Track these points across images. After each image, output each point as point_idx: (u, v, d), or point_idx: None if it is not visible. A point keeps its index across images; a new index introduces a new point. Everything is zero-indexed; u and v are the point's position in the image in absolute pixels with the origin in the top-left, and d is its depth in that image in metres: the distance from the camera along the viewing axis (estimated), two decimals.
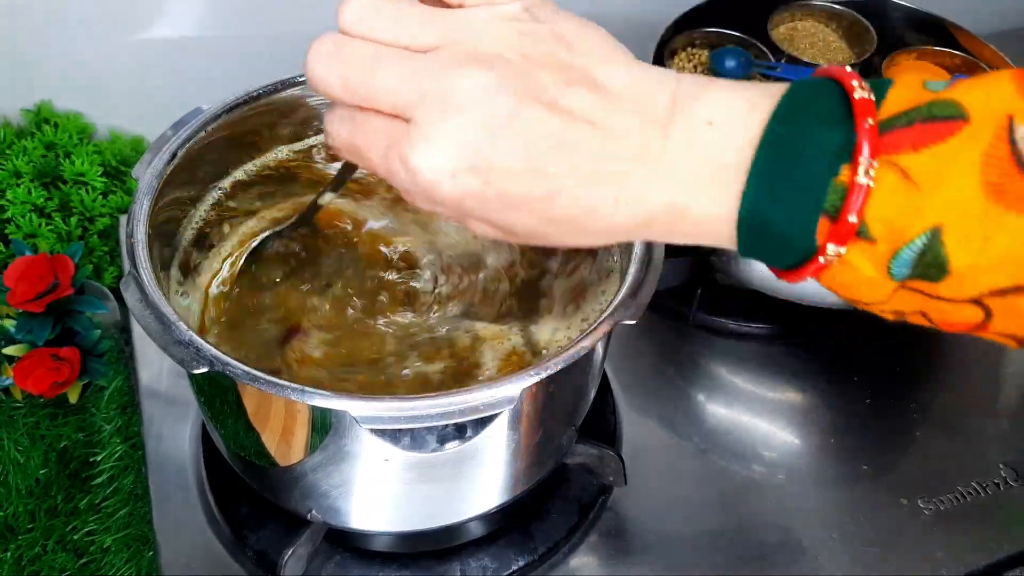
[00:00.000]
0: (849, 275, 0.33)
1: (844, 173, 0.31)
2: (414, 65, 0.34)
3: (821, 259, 0.33)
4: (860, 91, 0.32)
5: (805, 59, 0.78)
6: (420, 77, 0.34)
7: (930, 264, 0.32)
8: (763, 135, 0.33)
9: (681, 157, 0.34)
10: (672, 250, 0.53)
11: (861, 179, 0.31)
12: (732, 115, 0.34)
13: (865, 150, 0.31)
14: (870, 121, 0.31)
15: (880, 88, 0.33)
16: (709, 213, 0.34)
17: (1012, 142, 0.31)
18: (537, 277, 0.56)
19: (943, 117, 0.31)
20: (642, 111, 0.34)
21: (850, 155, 0.31)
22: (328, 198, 0.50)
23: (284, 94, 0.58)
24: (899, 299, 0.34)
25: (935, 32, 0.79)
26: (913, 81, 0.33)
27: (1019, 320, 0.33)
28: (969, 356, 0.75)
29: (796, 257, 0.34)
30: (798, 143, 0.32)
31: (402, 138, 0.34)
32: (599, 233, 0.36)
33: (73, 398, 0.72)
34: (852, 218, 0.31)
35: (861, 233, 0.32)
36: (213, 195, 0.58)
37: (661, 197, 0.34)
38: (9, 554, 0.65)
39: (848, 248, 0.32)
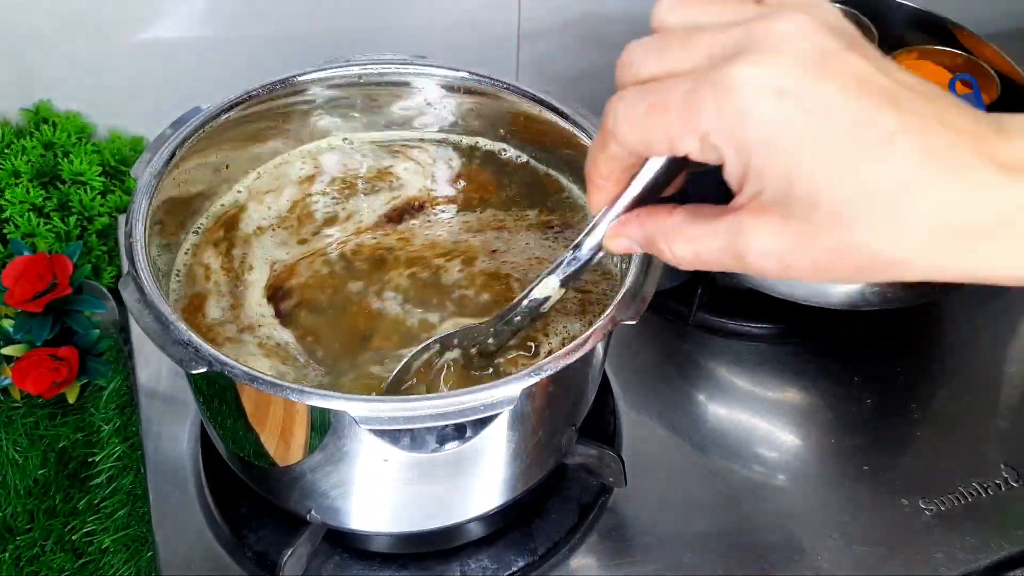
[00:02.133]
0: None
1: None
2: (732, 24, 0.32)
3: None
4: None
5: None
6: (739, 26, 0.32)
7: None
8: None
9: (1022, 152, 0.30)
10: None
11: None
12: None
13: None
14: None
15: None
16: None
17: None
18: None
19: None
20: (967, 107, 0.31)
21: None
22: (552, 285, 0.44)
23: (284, 94, 0.58)
24: None
25: (936, 32, 0.79)
26: None
27: None
28: (969, 356, 0.75)
29: None
30: None
31: (717, 68, 0.31)
32: (927, 228, 0.30)
33: (72, 398, 0.72)
34: None
35: None
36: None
37: (1009, 190, 0.30)
38: (8, 554, 0.65)
39: None
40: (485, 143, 0.63)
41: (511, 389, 0.43)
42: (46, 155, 0.80)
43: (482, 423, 0.46)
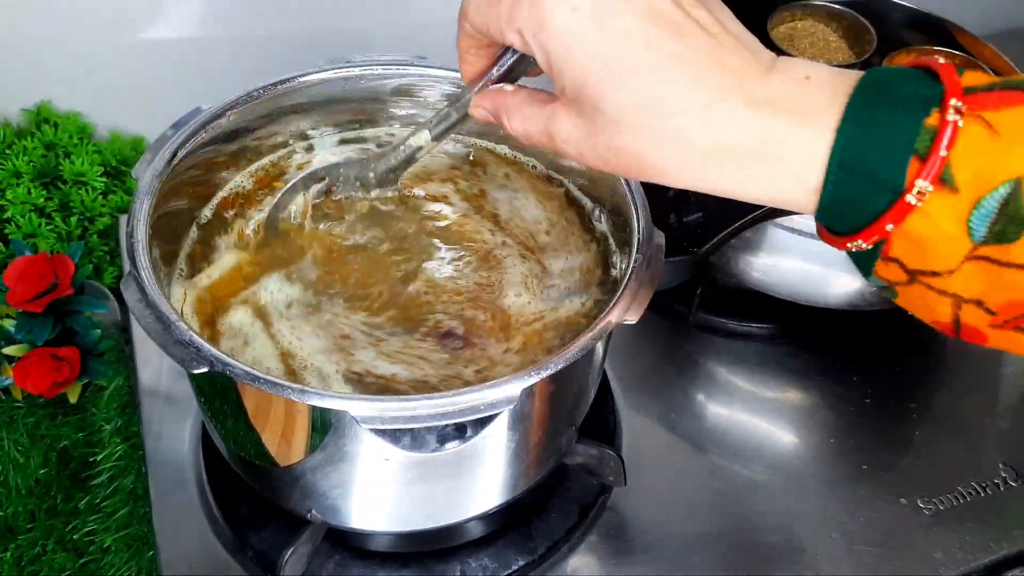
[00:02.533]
0: (927, 228, 0.34)
1: (934, 116, 0.33)
2: None
3: (908, 197, 0.33)
4: (942, 60, 0.35)
5: (805, 59, 0.78)
6: None
7: (1010, 218, 0.32)
8: (857, 84, 0.35)
9: (779, 93, 0.35)
10: (672, 250, 0.54)
11: (951, 117, 0.32)
12: (827, 74, 0.36)
13: (953, 99, 0.33)
14: (955, 76, 0.33)
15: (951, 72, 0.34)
16: (798, 151, 0.35)
17: None
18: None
19: (1022, 87, 0.33)
20: (749, 51, 0.37)
21: (939, 102, 0.33)
22: (424, 138, 0.50)
23: (284, 94, 0.58)
24: (966, 273, 0.34)
25: (935, 32, 0.79)
26: (981, 74, 0.35)
27: None
28: (969, 356, 0.75)
29: (882, 201, 0.34)
30: (890, 92, 0.34)
31: None
32: (680, 144, 0.36)
33: (73, 398, 0.72)
34: (942, 151, 0.32)
35: (946, 180, 0.33)
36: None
37: (754, 122, 0.35)
38: (9, 554, 0.65)
39: (931, 197, 0.33)
40: (485, 143, 0.63)
41: (511, 389, 0.43)
42: (47, 155, 0.80)
43: (482, 423, 0.46)
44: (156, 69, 0.83)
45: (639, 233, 0.51)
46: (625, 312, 0.47)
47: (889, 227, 0.34)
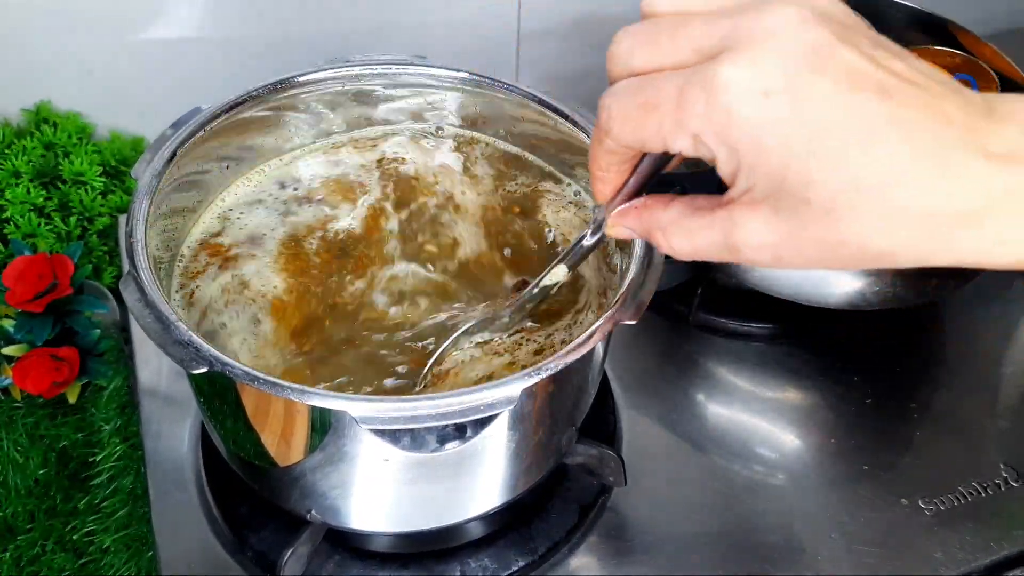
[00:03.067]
0: None
1: None
2: (721, 13, 0.33)
3: None
4: None
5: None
6: (727, 17, 0.32)
7: None
8: None
9: (1017, 142, 0.31)
10: None
11: None
12: None
13: None
14: None
15: None
16: None
17: None
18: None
19: None
20: (962, 95, 0.32)
21: None
22: (561, 273, 0.47)
23: (284, 94, 0.58)
24: None
25: (936, 32, 0.79)
26: None
27: None
28: (969, 356, 0.75)
29: None
30: None
31: (705, 67, 0.31)
32: (914, 220, 0.31)
33: (72, 398, 0.72)
34: None
35: None
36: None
37: (998, 179, 0.30)
38: (8, 554, 0.65)
39: None
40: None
41: (511, 389, 0.43)
42: (47, 155, 0.80)
43: (482, 423, 0.46)
44: (156, 69, 0.83)
45: None
46: (625, 312, 0.47)
47: None
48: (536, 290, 0.49)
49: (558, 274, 0.47)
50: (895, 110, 0.30)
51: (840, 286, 0.66)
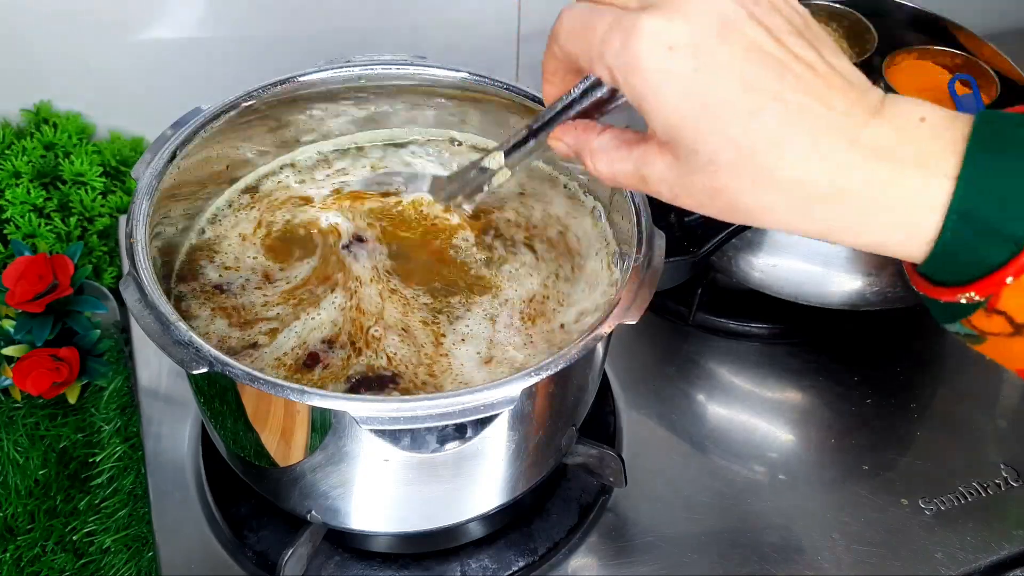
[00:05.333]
0: None
1: None
2: None
3: None
4: None
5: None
6: None
7: None
8: (972, 129, 0.33)
9: (891, 137, 0.34)
10: (672, 250, 0.53)
11: None
12: (941, 117, 0.34)
13: None
14: None
15: None
16: (913, 199, 0.34)
17: None
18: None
19: None
20: (857, 90, 0.35)
21: None
22: (497, 161, 0.47)
23: (284, 94, 0.58)
24: None
25: (936, 31, 0.79)
26: None
27: None
28: (969, 356, 0.75)
29: (1003, 253, 0.33)
30: (1009, 138, 0.33)
31: (634, 13, 0.35)
32: (781, 188, 0.34)
33: (72, 398, 0.72)
34: None
35: None
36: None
37: (863, 167, 0.34)
38: (8, 555, 0.65)
39: None
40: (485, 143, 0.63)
41: (511, 389, 0.43)
42: (47, 156, 0.80)
43: (482, 423, 0.46)
44: (156, 69, 0.83)
45: (639, 233, 0.51)
46: (625, 312, 0.47)
47: (1009, 280, 0.33)
48: (473, 170, 0.48)
49: (496, 160, 0.46)
50: (783, 90, 0.34)
51: (840, 286, 0.67)
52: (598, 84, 0.39)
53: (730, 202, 0.36)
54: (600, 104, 0.40)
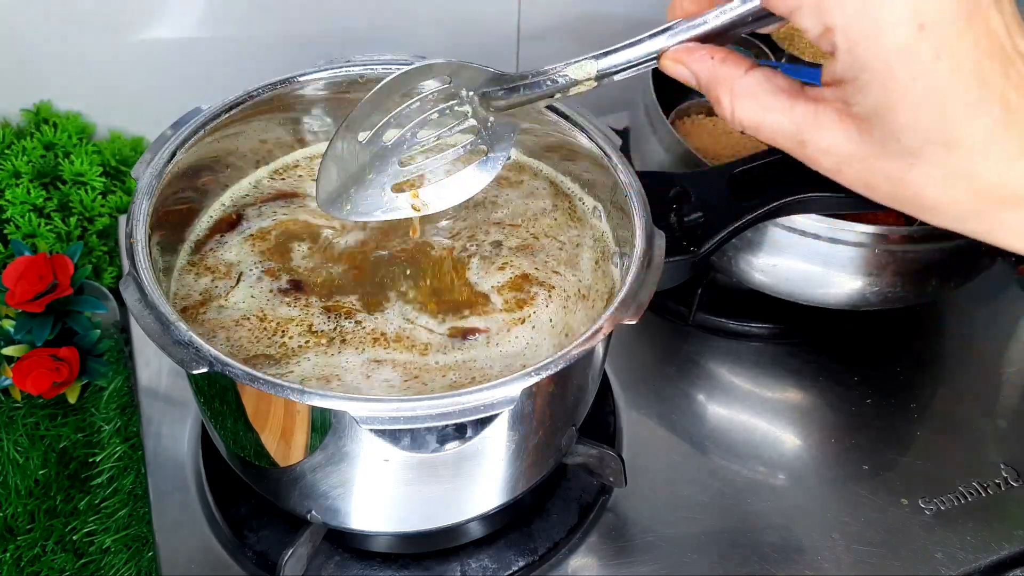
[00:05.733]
0: None
1: None
2: None
3: None
4: None
5: (806, 59, 0.78)
6: None
7: None
8: None
9: None
10: (672, 250, 0.53)
11: None
12: None
13: None
14: None
15: None
16: None
17: None
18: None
19: None
20: None
21: None
22: (588, 70, 0.40)
23: (284, 94, 0.58)
24: None
25: None
26: None
27: None
28: (969, 356, 0.75)
29: None
30: None
31: None
32: (976, 187, 0.32)
33: (72, 398, 0.72)
34: None
35: None
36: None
37: None
38: (8, 555, 0.65)
39: None
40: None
41: (511, 389, 0.43)
42: (47, 155, 0.80)
43: (482, 423, 0.46)
44: (156, 69, 0.83)
45: (639, 233, 0.51)
46: (625, 312, 0.47)
47: None
48: (553, 74, 0.42)
49: (584, 69, 0.40)
50: (1007, 87, 0.31)
51: (840, 286, 0.66)
52: (761, 15, 0.34)
53: (915, 195, 0.33)
54: (733, 28, 0.35)
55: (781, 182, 0.58)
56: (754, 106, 0.35)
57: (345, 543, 0.60)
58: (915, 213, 0.34)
